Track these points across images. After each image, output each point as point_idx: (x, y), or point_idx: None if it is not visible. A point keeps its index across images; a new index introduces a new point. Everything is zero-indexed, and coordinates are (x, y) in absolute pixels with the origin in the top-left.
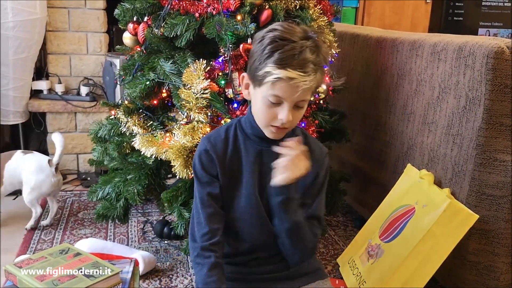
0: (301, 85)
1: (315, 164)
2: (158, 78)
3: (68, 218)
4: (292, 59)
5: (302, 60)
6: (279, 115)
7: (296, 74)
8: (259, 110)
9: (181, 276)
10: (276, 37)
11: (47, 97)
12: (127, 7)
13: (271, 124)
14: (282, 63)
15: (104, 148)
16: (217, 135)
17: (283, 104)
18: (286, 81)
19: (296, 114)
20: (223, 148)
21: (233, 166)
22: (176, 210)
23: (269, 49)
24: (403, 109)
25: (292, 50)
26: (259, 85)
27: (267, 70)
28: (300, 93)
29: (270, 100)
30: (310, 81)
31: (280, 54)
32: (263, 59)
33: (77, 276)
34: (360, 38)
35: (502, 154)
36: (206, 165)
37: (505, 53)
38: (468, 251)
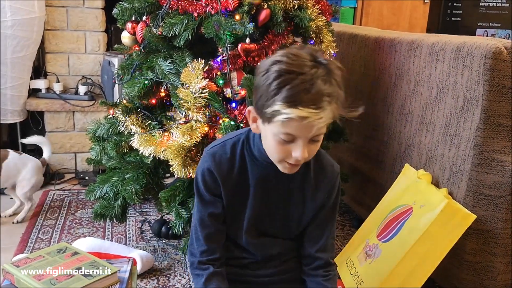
0: (316, 124)
1: (327, 183)
2: (157, 78)
3: (66, 217)
4: (303, 95)
5: (315, 94)
6: (293, 152)
7: (309, 112)
8: (271, 147)
9: (179, 275)
10: (282, 71)
11: (45, 96)
12: (125, 6)
13: (285, 160)
14: (292, 101)
15: (102, 147)
16: (222, 152)
17: (296, 141)
18: (299, 121)
19: (312, 148)
20: (228, 167)
21: (238, 186)
22: (174, 209)
23: (276, 85)
24: (401, 109)
25: (302, 84)
26: (268, 122)
27: (275, 109)
28: (316, 129)
29: (282, 138)
30: (325, 116)
31: (289, 90)
32: (270, 96)
33: (74, 275)
34: (358, 38)
35: (500, 154)
36: (209, 184)
37: (503, 54)
38: (466, 251)
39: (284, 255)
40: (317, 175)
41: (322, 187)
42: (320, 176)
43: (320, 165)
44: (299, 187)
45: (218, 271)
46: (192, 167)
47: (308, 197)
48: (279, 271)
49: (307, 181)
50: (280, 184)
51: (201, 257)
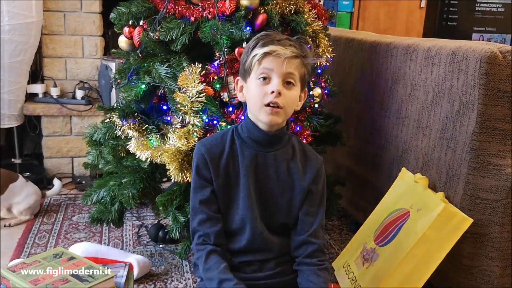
0: (283, 55)
1: (312, 168)
2: (154, 82)
3: (63, 222)
4: (272, 42)
5: (282, 42)
6: (270, 88)
7: (277, 47)
8: (253, 93)
9: (176, 280)
10: (260, 35)
11: (42, 100)
12: (122, 11)
13: (265, 102)
14: (265, 44)
15: (99, 152)
16: (212, 139)
17: (272, 79)
18: (270, 54)
19: (287, 93)
20: (219, 151)
21: (229, 169)
22: (171, 214)
23: (253, 42)
24: (397, 113)
25: (273, 38)
26: (249, 74)
27: (253, 54)
28: (286, 64)
29: (261, 77)
30: (290, 52)
31: (262, 40)
32: (249, 51)
33: (70, 281)
34: (355, 42)
35: (496, 158)
36: (201, 169)
37: (498, 58)
38: (463, 255)
39: (279, 256)
40: (303, 161)
41: (308, 172)
42: (305, 162)
43: (305, 153)
44: (287, 170)
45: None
46: (189, 171)
47: (297, 180)
48: (274, 274)
49: (294, 165)
50: (269, 166)
51: (198, 240)
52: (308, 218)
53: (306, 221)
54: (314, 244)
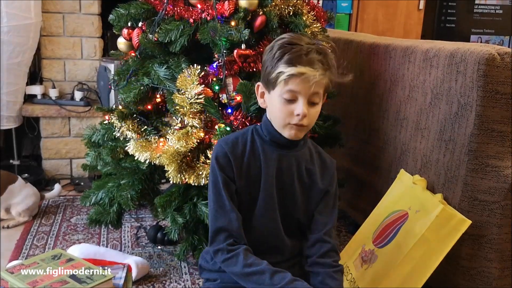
0: (312, 79)
1: (328, 171)
2: (152, 83)
3: (61, 223)
4: (300, 58)
5: (310, 59)
6: (296, 110)
7: (306, 69)
8: (276, 110)
9: (174, 282)
10: (284, 43)
11: (40, 101)
12: (121, 13)
13: (289, 122)
14: (292, 62)
15: (98, 153)
16: (234, 138)
17: (298, 100)
18: (298, 76)
19: (312, 111)
20: (241, 150)
21: (250, 168)
22: (170, 215)
23: (279, 53)
24: (396, 115)
25: (300, 51)
26: (273, 87)
27: (279, 71)
28: (314, 87)
29: (285, 97)
30: (319, 75)
31: (289, 55)
32: (274, 63)
33: (69, 282)
34: (353, 44)
35: (494, 159)
36: (224, 166)
37: (496, 60)
38: (461, 257)
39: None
40: (319, 163)
41: (325, 174)
42: (322, 164)
43: (320, 156)
44: (306, 171)
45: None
46: (188, 173)
47: (315, 182)
48: None
49: (312, 167)
50: (291, 167)
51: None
52: (322, 217)
53: (321, 221)
54: (328, 243)
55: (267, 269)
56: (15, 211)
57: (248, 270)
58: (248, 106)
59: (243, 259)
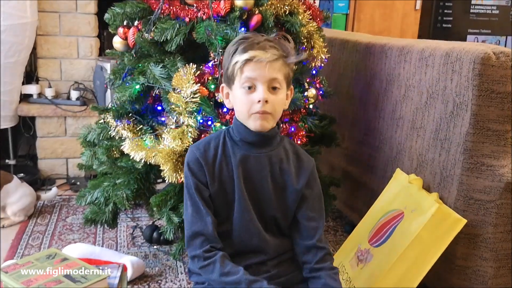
0: (264, 60)
1: (305, 170)
2: (148, 82)
3: (57, 223)
4: (252, 46)
5: (261, 45)
6: (256, 97)
7: (257, 52)
8: (239, 102)
9: (170, 281)
10: (238, 39)
11: (36, 101)
12: (117, 12)
13: (252, 111)
14: (245, 50)
15: (93, 152)
16: (206, 142)
17: (257, 87)
18: (251, 61)
19: (273, 98)
20: (212, 154)
21: (222, 172)
22: (165, 214)
23: (233, 48)
24: (392, 114)
25: (252, 41)
26: (233, 81)
27: (234, 61)
28: (268, 69)
29: (246, 85)
30: (272, 55)
31: (242, 45)
32: (230, 57)
33: (63, 281)
34: (349, 43)
35: (489, 159)
36: (196, 172)
37: (491, 59)
38: (457, 256)
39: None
40: (295, 162)
41: (302, 174)
42: (298, 164)
43: (298, 155)
44: (280, 171)
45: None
46: (183, 172)
47: (289, 181)
48: (272, 276)
49: (287, 166)
50: (262, 167)
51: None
52: (311, 223)
53: (310, 226)
54: (323, 248)
55: (244, 279)
56: (10, 211)
57: (225, 279)
58: None
59: (219, 267)
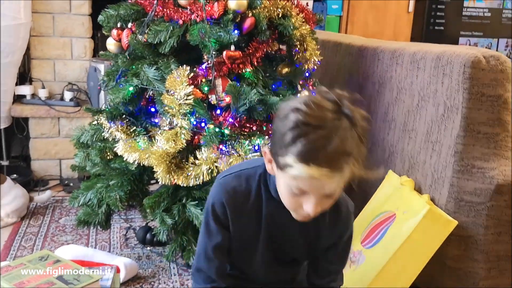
0: (328, 183)
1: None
2: (142, 84)
3: (50, 224)
4: (317, 152)
5: (331, 152)
6: (305, 206)
7: (321, 173)
8: (283, 195)
9: (163, 283)
10: (299, 122)
11: (30, 102)
12: (111, 13)
13: (296, 212)
14: (304, 157)
15: (87, 154)
16: (237, 183)
17: (308, 195)
18: (310, 179)
19: (326, 202)
20: (242, 201)
21: (250, 220)
22: (159, 216)
23: (291, 135)
24: (384, 116)
25: (319, 140)
26: (281, 170)
27: (288, 162)
28: (328, 186)
29: (294, 190)
30: (339, 178)
31: (303, 145)
32: (284, 146)
33: (55, 283)
34: (342, 46)
35: (480, 161)
36: (219, 216)
37: (482, 63)
38: (448, 257)
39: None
40: (334, 216)
41: (337, 228)
42: (335, 215)
43: (337, 208)
44: (313, 224)
45: None
46: (176, 174)
47: (323, 235)
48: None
49: (322, 220)
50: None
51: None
52: (332, 266)
53: (330, 269)
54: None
55: None
56: (3, 212)
57: None
58: (237, 107)
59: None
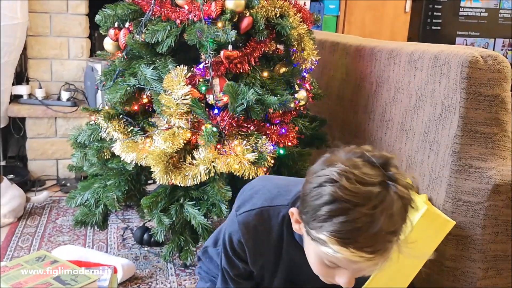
0: (368, 265)
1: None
2: (139, 84)
3: (46, 224)
4: (358, 234)
5: (374, 234)
6: (337, 279)
7: (361, 256)
8: (312, 261)
9: (161, 283)
10: (337, 197)
11: (27, 102)
12: (108, 13)
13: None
14: (342, 238)
15: (84, 154)
16: (258, 223)
17: (343, 270)
18: (347, 261)
19: (362, 274)
20: (261, 241)
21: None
22: (156, 216)
23: (327, 210)
24: (381, 116)
25: (361, 221)
26: (313, 240)
27: (322, 238)
28: (368, 269)
29: (326, 262)
30: (380, 259)
31: (342, 225)
32: (318, 219)
33: (53, 284)
34: (340, 46)
35: (477, 161)
36: (238, 252)
37: (479, 62)
38: (446, 257)
39: None
40: None
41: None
42: None
43: None
44: None
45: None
46: (174, 174)
47: None
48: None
49: None
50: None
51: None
52: None
53: None
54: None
55: None
56: (7, 214)
57: None
58: (235, 107)
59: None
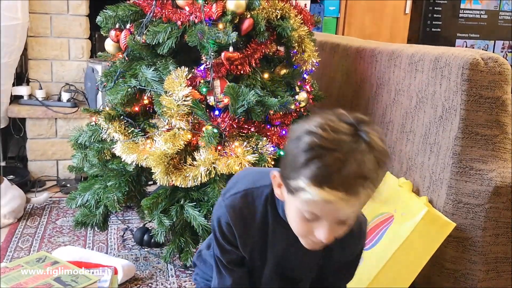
0: (342, 208)
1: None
2: (140, 85)
3: (47, 225)
4: (332, 175)
5: (347, 175)
6: (317, 232)
7: (336, 196)
8: (293, 220)
9: (161, 284)
10: (313, 144)
11: (27, 102)
12: (109, 14)
13: (306, 240)
14: (318, 180)
15: (84, 155)
16: (243, 204)
17: (321, 221)
18: (324, 204)
19: (339, 229)
20: (248, 222)
21: (257, 240)
22: (156, 217)
23: (304, 157)
24: (382, 118)
25: (334, 163)
26: (292, 194)
27: (300, 185)
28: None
29: (305, 216)
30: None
31: (317, 167)
32: (296, 168)
33: (53, 285)
34: (340, 47)
35: (478, 163)
36: (226, 235)
37: (480, 64)
38: (446, 259)
39: None
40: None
41: (347, 248)
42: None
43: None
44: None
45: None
46: (175, 175)
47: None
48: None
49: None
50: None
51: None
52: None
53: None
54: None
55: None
56: (7, 215)
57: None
58: (236, 108)
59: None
